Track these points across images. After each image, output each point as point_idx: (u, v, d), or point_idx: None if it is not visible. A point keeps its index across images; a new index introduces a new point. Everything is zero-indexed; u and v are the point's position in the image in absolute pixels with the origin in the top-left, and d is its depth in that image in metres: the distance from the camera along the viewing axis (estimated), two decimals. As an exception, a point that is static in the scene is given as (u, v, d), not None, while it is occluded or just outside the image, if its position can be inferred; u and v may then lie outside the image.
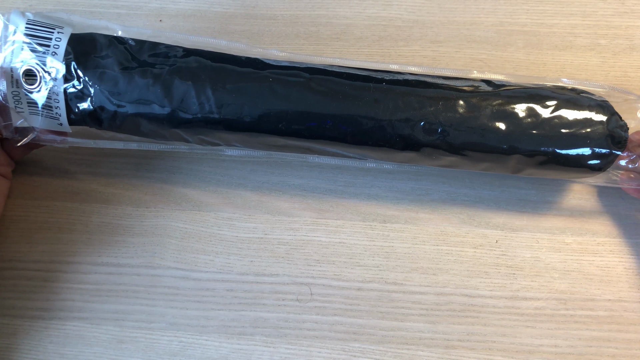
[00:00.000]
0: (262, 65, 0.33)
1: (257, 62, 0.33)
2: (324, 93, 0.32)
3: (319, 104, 0.32)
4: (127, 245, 0.37)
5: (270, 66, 0.33)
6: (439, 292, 0.36)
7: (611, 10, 0.42)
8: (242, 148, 0.35)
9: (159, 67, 0.32)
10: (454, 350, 0.34)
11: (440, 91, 0.32)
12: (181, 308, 0.35)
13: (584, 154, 0.32)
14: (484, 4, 0.43)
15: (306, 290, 0.36)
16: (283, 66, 0.33)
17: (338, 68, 0.34)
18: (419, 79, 0.33)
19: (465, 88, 0.33)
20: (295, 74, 0.33)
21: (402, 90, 0.32)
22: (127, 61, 0.32)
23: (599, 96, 0.33)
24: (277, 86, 0.32)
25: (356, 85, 0.32)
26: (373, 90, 0.32)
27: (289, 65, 0.34)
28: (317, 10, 0.43)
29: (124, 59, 0.32)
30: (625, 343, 0.34)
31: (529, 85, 0.34)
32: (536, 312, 0.35)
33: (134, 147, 0.35)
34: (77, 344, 0.35)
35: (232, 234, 0.37)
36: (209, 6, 0.44)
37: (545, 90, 0.33)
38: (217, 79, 0.32)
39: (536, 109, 0.32)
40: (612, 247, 0.36)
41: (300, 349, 0.34)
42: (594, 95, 0.33)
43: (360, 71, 0.34)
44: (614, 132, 0.32)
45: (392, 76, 0.33)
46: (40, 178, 0.39)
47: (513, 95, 0.32)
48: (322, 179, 0.39)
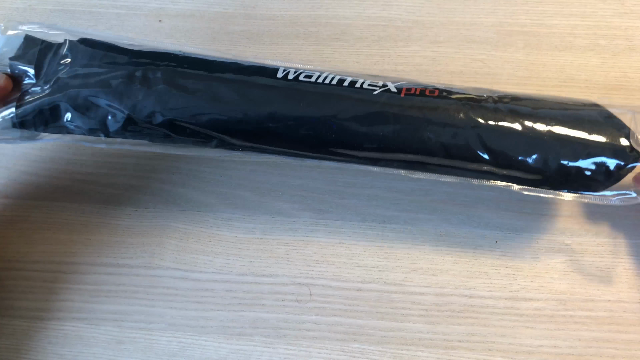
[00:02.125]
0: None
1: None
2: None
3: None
4: (126, 245, 0.37)
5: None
6: (438, 293, 0.35)
7: (611, 10, 0.42)
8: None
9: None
10: (453, 350, 0.34)
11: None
12: (180, 308, 0.35)
13: (602, 165, 0.30)
14: (483, 5, 0.43)
15: (305, 291, 0.36)
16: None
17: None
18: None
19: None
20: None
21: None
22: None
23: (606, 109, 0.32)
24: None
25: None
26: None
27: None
28: (317, 11, 0.43)
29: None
30: (625, 344, 0.34)
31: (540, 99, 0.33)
32: (536, 313, 0.35)
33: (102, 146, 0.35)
34: (76, 345, 0.35)
35: (232, 235, 0.37)
36: (208, 6, 0.44)
37: (573, 110, 0.31)
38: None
39: (556, 126, 0.30)
40: (611, 248, 0.36)
41: (299, 350, 0.34)
42: (601, 107, 0.32)
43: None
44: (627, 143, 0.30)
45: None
46: (40, 178, 0.39)
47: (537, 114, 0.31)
48: (321, 179, 0.39)
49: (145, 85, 0.32)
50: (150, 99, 0.31)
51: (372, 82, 0.31)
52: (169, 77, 0.32)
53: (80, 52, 0.33)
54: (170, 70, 0.32)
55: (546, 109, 0.31)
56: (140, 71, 0.32)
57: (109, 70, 0.32)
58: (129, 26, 0.43)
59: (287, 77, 0.31)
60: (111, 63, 0.32)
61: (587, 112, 0.31)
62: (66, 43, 0.34)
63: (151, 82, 0.32)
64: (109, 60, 0.33)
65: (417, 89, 0.31)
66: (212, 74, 0.32)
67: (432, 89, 0.31)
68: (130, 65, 0.32)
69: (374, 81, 0.32)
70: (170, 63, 0.33)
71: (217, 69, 0.33)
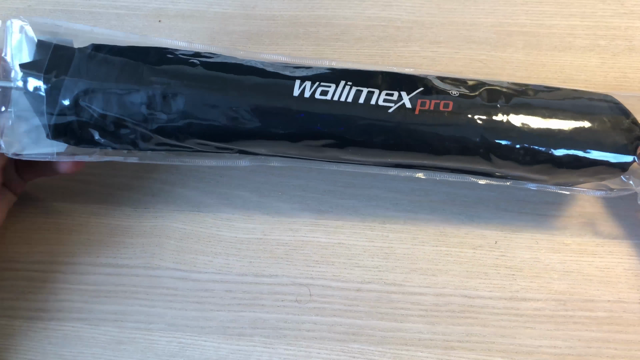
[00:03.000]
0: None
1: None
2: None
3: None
4: (126, 246, 0.37)
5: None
6: (438, 293, 0.35)
7: (610, 11, 0.42)
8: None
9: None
10: (453, 351, 0.34)
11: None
12: (180, 309, 0.35)
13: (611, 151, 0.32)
14: (483, 5, 0.43)
15: (305, 291, 0.36)
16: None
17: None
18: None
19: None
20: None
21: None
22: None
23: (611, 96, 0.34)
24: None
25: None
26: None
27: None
28: (317, 11, 0.43)
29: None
30: (625, 344, 0.34)
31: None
32: (535, 313, 0.35)
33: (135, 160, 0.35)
34: (76, 345, 0.35)
35: (231, 235, 0.37)
36: (208, 6, 0.44)
37: (576, 97, 0.33)
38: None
39: (562, 116, 0.32)
40: (611, 248, 0.36)
41: (299, 350, 0.34)
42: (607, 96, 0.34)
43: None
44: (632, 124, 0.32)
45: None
46: (39, 179, 0.39)
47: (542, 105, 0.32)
48: (321, 179, 0.39)
49: (167, 109, 0.31)
50: (175, 123, 0.32)
51: (388, 93, 0.32)
52: (190, 101, 0.31)
53: (93, 65, 0.31)
54: (191, 94, 0.31)
55: (556, 100, 0.33)
56: (159, 91, 0.31)
57: (128, 90, 0.31)
58: (129, 26, 0.43)
59: (303, 94, 0.32)
60: (129, 81, 0.31)
61: (594, 102, 0.33)
62: (74, 54, 0.32)
63: (172, 106, 0.31)
64: (126, 78, 0.31)
65: (431, 102, 0.32)
66: (228, 94, 0.32)
67: (446, 103, 0.32)
68: (148, 87, 0.31)
69: (390, 92, 0.32)
70: (190, 82, 0.32)
71: (234, 85, 0.32)
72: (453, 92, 0.32)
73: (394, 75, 0.33)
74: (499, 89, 0.33)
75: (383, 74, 0.33)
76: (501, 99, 0.32)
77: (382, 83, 0.32)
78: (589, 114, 0.32)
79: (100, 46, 0.32)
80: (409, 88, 0.32)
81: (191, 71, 0.32)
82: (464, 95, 0.32)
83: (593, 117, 0.32)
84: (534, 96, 0.33)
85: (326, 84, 0.32)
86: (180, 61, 0.32)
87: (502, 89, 0.33)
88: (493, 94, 0.32)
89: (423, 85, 0.32)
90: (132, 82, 0.31)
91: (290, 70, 0.33)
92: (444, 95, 0.32)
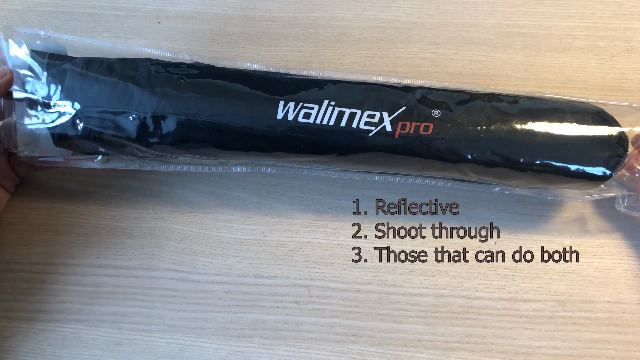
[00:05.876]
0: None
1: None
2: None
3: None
4: (125, 247, 0.37)
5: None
6: (438, 294, 0.35)
7: (609, 12, 0.42)
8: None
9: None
10: (453, 352, 0.34)
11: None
12: (179, 310, 0.35)
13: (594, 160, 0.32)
14: (482, 6, 0.43)
15: (305, 292, 0.36)
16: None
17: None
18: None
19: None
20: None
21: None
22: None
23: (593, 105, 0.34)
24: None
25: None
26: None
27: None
28: (316, 12, 0.43)
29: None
30: (624, 345, 0.34)
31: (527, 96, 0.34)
32: (535, 314, 0.35)
33: (134, 167, 0.36)
34: (75, 347, 0.35)
35: (231, 236, 0.37)
36: (207, 8, 0.44)
37: (553, 103, 0.34)
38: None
39: (548, 123, 0.33)
40: (610, 249, 0.36)
41: (299, 351, 0.34)
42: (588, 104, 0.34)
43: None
44: (616, 138, 0.32)
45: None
46: (38, 180, 0.39)
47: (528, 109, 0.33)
48: (320, 181, 0.39)
49: (158, 129, 0.33)
50: (166, 140, 0.33)
51: (370, 114, 0.33)
52: (179, 122, 0.33)
53: (86, 85, 0.33)
54: (180, 115, 0.33)
55: (540, 114, 0.33)
56: (150, 113, 0.32)
57: (121, 111, 0.33)
58: (128, 28, 0.43)
59: (287, 117, 0.33)
60: (120, 103, 0.32)
61: (578, 116, 0.33)
62: (67, 69, 0.33)
63: (162, 127, 0.33)
64: (118, 99, 0.32)
65: (412, 125, 0.33)
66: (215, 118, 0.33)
67: (426, 126, 0.32)
68: (139, 109, 0.32)
69: (372, 113, 0.33)
70: (179, 104, 0.33)
71: (220, 106, 0.33)
72: (435, 112, 0.33)
73: (379, 90, 0.33)
74: (481, 107, 0.33)
75: (368, 89, 0.33)
76: (483, 120, 0.32)
77: (365, 101, 0.33)
78: (573, 128, 0.32)
79: (91, 61, 0.33)
80: (391, 108, 0.33)
81: (180, 91, 0.33)
82: (446, 116, 0.33)
83: (576, 131, 0.32)
84: (517, 114, 0.33)
85: (309, 105, 0.33)
86: (169, 80, 0.33)
87: (484, 109, 0.33)
88: (475, 115, 0.33)
89: (406, 104, 0.33)
90: (123, 105, 0.33)
91: (275, 84, 0.33)
92: (424, 117, 0.33)
